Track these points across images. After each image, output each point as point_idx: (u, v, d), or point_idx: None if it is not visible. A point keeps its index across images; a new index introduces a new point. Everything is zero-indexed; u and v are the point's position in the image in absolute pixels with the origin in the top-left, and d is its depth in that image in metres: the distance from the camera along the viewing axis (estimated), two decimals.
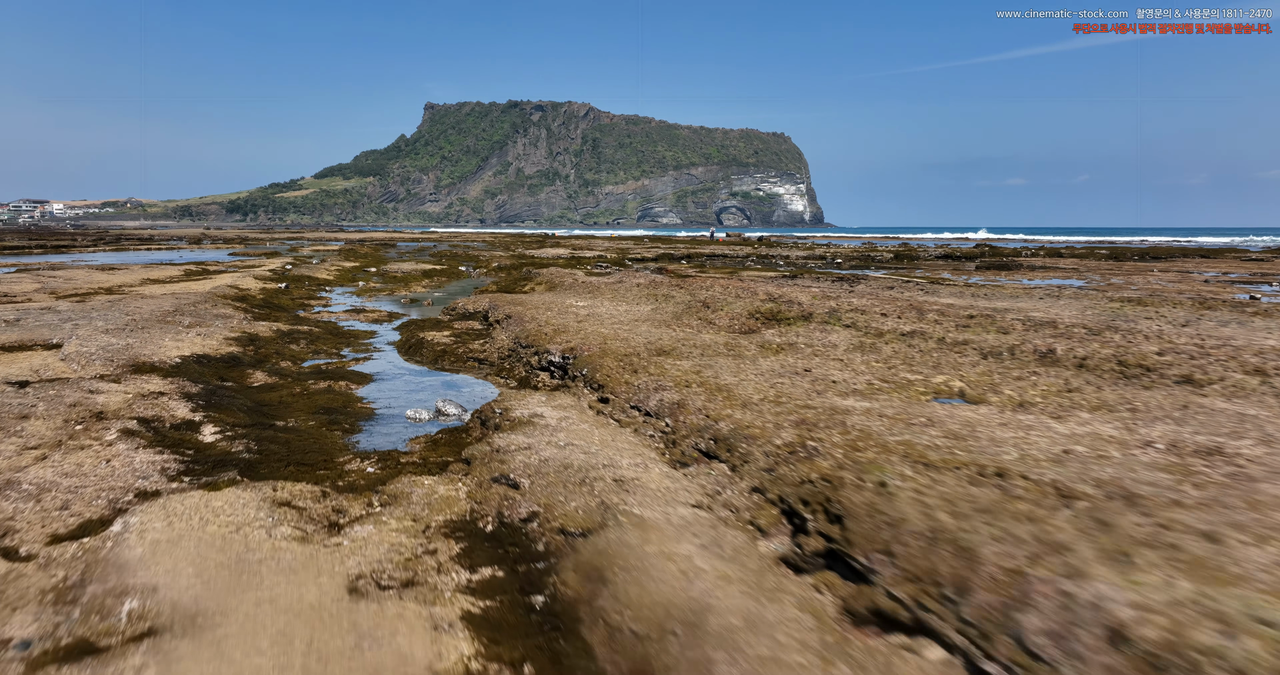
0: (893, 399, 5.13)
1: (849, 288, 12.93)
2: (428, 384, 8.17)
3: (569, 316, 10.15)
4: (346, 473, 4.83)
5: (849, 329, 8.19)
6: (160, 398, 6.14)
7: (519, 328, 9.29)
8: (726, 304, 10.02)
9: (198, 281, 19.50)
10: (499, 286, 19.25)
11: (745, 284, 12.39)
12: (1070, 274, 29.04)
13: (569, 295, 13.92)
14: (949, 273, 29.26)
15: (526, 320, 9.64)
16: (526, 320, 9.64)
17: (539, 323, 9.36)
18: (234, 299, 14.46)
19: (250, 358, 8.93)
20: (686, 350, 7.05)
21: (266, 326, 11.15)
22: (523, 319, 9.75)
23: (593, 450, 4.47)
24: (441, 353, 9.48)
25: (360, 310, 14.71)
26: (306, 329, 11.33)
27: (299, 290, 18.67)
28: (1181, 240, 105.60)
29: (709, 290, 11.91)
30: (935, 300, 10.36)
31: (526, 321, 9.59)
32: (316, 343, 10.43)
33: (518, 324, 9.53)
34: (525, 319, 9.76)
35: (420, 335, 10.53)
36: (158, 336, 9.26)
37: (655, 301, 11.56)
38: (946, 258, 41.78)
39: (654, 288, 13.07)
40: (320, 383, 7.80)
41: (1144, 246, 61.36)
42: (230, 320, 11.45)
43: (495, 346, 9.17)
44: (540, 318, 9.86)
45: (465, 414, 6.62)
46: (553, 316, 10.12)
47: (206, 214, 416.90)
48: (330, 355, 9.79)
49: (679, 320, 9.60)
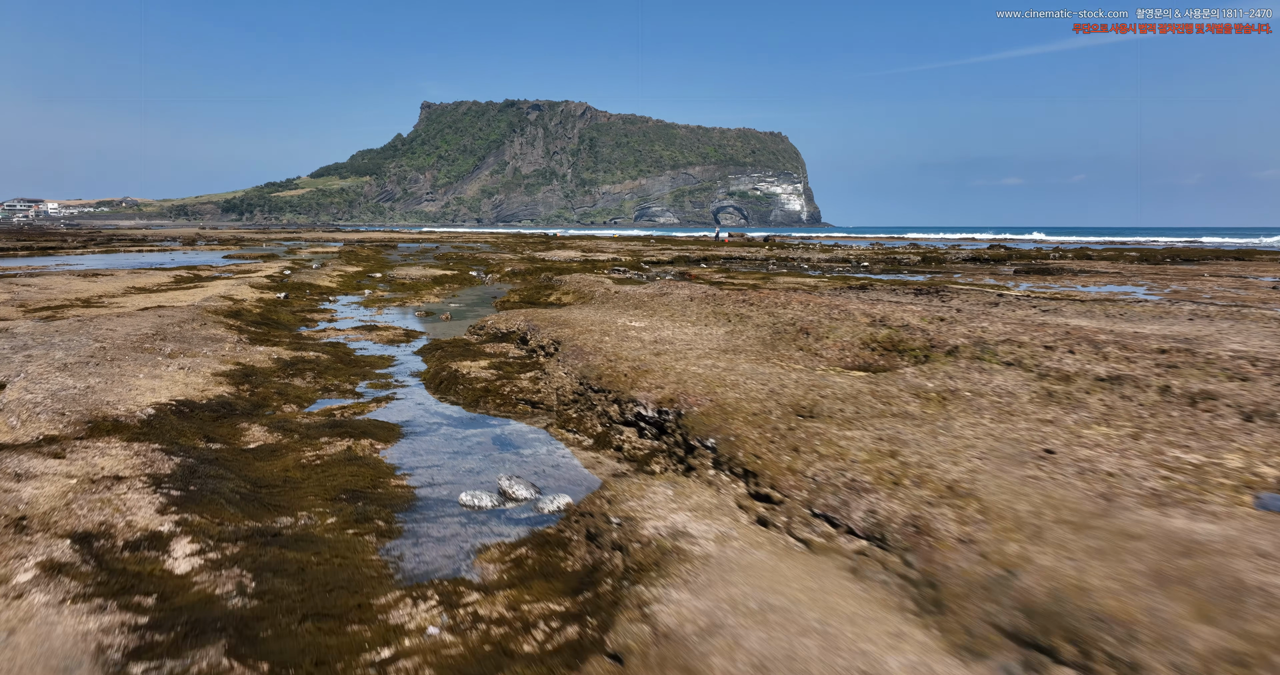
0: (1232, 511, 3.32)
1: (943, 302, 11.12)
2: (475, 441, 6.33)
3: (633, 343, 8.32)
4: (393, 634, 3.02)
5: (1015, 369, 6.37)
6: (117, 487, 4.29)
7: (580, 362, 7.45)
8: (829, 329, 8.18)
9: (188, 290, 17.64)
10: (521, 297, 17.40)
11: (823, 299, 10.57)
12: (1120, 279, 27.25)
13: (613, 310, 12.08)
14: (991, 278, 27.46)
15: (587, 351, 7.80)
16: (587, 351, 7.80)
17: (604, 354, 7.52)
18: (226, 314, 12.60)
19: (245, 401, 7.08)
20: (834, 406, 5.22)
21: (264, 353, 9.30)
22: (581, 349, 7.91)
23: (814, 624, 2.65)
24: (483, 392, 7.63)
25: (371, 327, 12.86)
26: (313, 356, 9.48)
27: (299, 301, 16.81)
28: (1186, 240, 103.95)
29: (787, 308, 10.08)
30: (1077, 323, 8.54)
31: (587, 352, 7.75)
32: (325, 375, 8.59)
33: (577, 356, 7.70)
34: (584, 348, 7.92)
35: (451, 366, 8.69)
36: (130, 372, 7.41)
37: (729, 322, 9.73)
38: (975, 261, 40.00)
39: (715, 303, 11.24)
40: (336, 441, 5.95)
41: (1163, 248, 59.66)
42: (221, 345, 9.60)
43: (552, 386, 7.34)
44: (602, 346, 8.02)
45: (543, 499, 4.79)
46: (613, 343, 8.28)
47: (202, 213, 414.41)
48: (344, 393, 7.94)
49: (776, 351, 7.77)
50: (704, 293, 13.11)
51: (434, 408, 7.40)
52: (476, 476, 5.33)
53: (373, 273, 25.59)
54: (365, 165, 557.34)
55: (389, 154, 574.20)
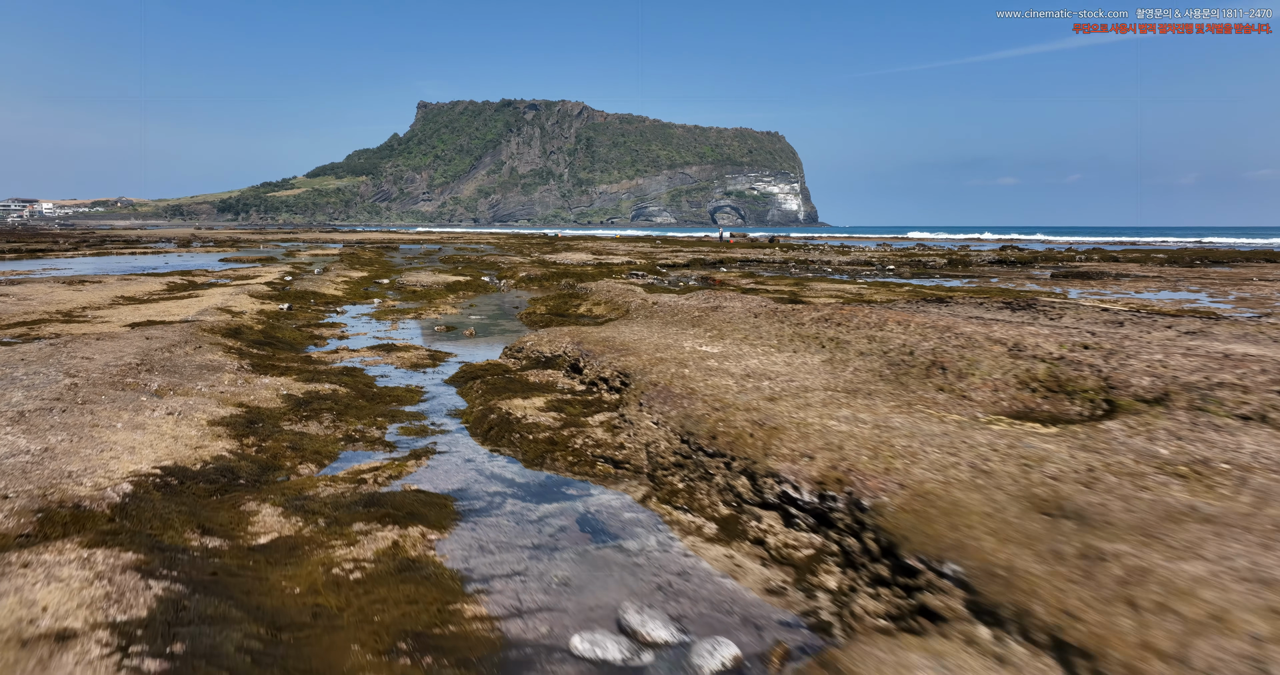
0: None
1: (1052, 320, 9.60)
2: (556, 524, 4.78)
3: (722, 379, 6.78)
4: None
5: (1261, 426, 4.85)
6: (59, 656, 2.75)
7: (672, 409, 5.91)
8: (969, 363, 6.65)
9: (181, 301, 16.08)
10: (548, 309, 15.86)
11: (919, 317, 9.03)
12: (1167, 283, 25.76)
13: (667, 328, 10.55)
14: (1033, 284, 25.96)
15: (676, 392, 6.27)
16: (676, 392, 6.27)
17: (701, 397, 5.99)
18: (224, 333, 11.03)
19: (251, 462, 5.53)
20: (1085, 498, 3.69)
21: (271, 387, 7.74)
22: (668, 389, 6.37)
23: None
24: (548, 444, 6.09)
25: (389, 346, 11.30)
26: (328, 389, 7.92)
27: (304, 313, 15.25)
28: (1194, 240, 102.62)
29: (884, 328, 8.54)
30: (1246, 350, 7.02)
31: (677, 394, 6.22)
32: (346, 417, 7.04)
33: (664, 399, 6.16)
34: (671, 388, 6.39)
35: (499, 405, 7.14)
36: (106, 420, 5.86)
37: (822, 348, 8.19)
38: (1001, 263, 38.50)
39: (787, 321, 9.71)
40: (376, 529, 4.40)
41: (1179, 248, 58.21)
42: (219, 376, 8.05)
43: (639, 439, 5.80)
44: (690, 384, 6.48)
45: (696, 647, 3.25)
46: (700, 379, 6.74)
47: (198, 213, 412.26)
48: (371, 443, 6.39)
49: (910, 391, 6.25)
50: (764, 307, 11.58)
51: (488, 467, 5.86)
52: (579, 596, 3.79)
53: (379, 278, 24.03)
54: (361, 165, 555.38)
55: (385, 154, 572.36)
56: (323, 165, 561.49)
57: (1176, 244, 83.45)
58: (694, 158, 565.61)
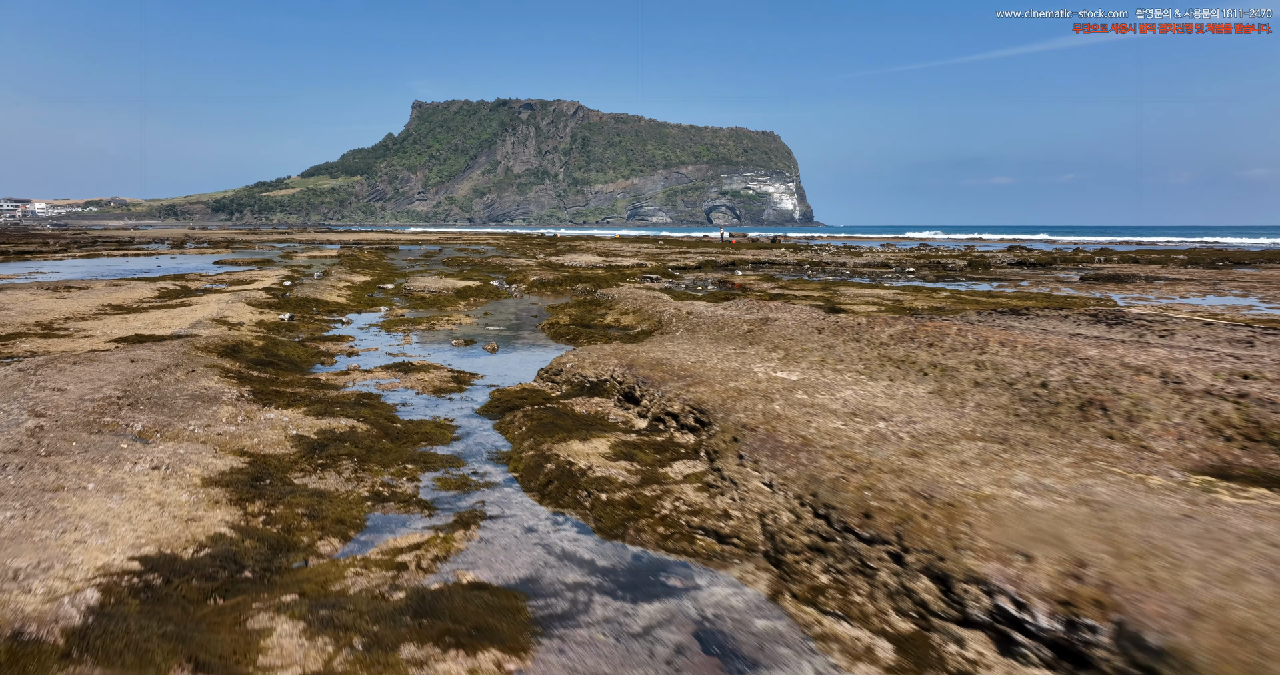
0: None
1: (1161, 337, 8.44)
2: (669, 638, 3.57)
3: (828, 419, 5.58)
4: None
5: None
6: None
7: (790, 467, 4.71)
8: (1137, 405, 5.44)
9: (173, 310, 14.84)
10: (571, 319, 14.64)
11: (1021, 336, 7.83)
12: (1207, 287, 24.63)
13: (725, 347, 9.34)
14: (1069, 289, 24.81)
15: (784, 441, 5.06)
16: (784, 441, 5.06)
17: (824, 451, 4.79)
18: (221, 351, 9.80)
19: (258, 542, 4.31)
20: None
21: (278, 425, 6.52)
22: (774, 439, 5.16)
23: None
24: (626, 507, 4.88)
25: (405, 366, 10.08)
26: (345, 425, 6.70)
27: (307, 324, 14.01)
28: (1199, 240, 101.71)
29: (986, 350, 7.34)
30: None
31: (787, 445, 5.01)
32: (369, 464, 5.82)
33: (773, 452, 4.96)
34: (779, 439, 5.18)
35: (553, 450, 5.93)
36: (73, 482, 4.64)
37: (925, 376, 6.99)
38: (1021, 265, 37.37)
39: (873, 342, 8.50)
40: (431, 658, 3.20)
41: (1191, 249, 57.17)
42: (216, 410, 6.82)
43: (749, 506, 4.60)
44: (802, 430, 5.28)
45: None
46: (804, 420, 5.54)
47: (192, 213, 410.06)
48: (404, 503, 5.17)
49: (1070, 438, 5.05)
50: (822, 320, 10.38)
51: (557, 540, 4.65)
52: None
53: (383, 283, 22.78)
54: (356, 165, 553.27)
55: (380, 153, 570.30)
56: (317, 165, 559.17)
57: (1182, 244, 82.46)
58: (689, 157, 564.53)
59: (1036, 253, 46.21)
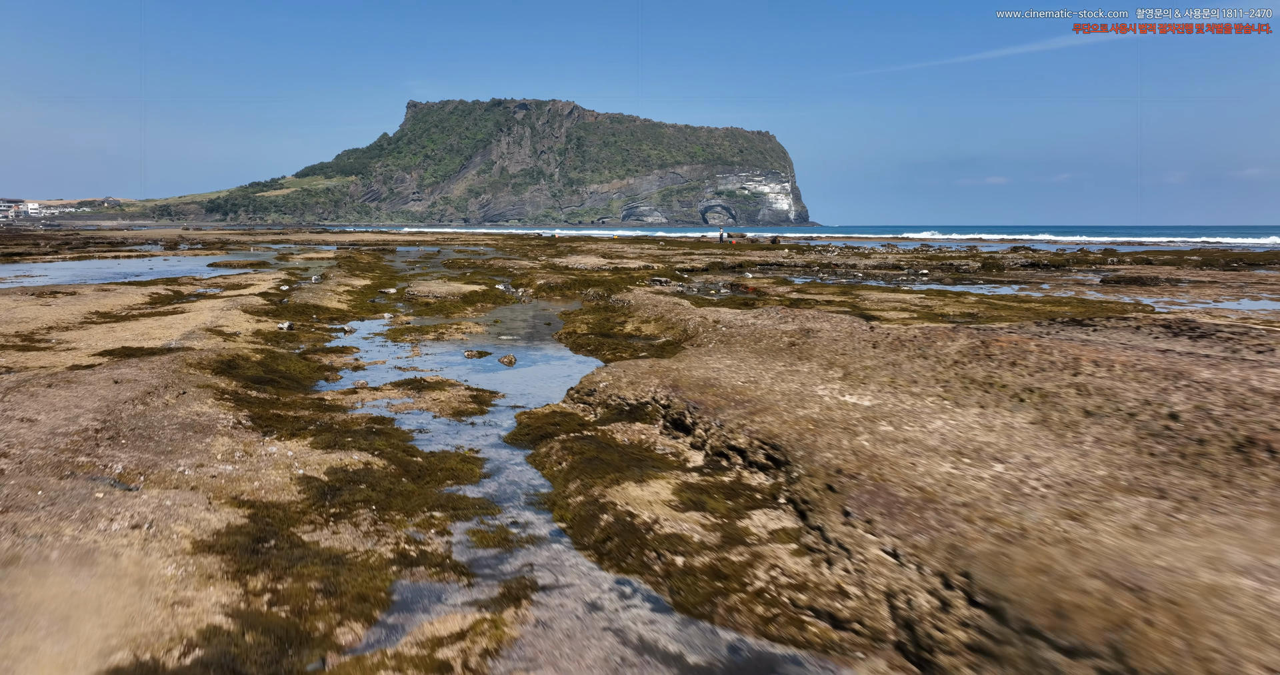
0: None
1: (1258, 356, 7.61)
2: None
3: (938, 462, 4.72)
4: None
5: None
6: None
7: (917, 530, 3.84)
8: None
9: (165, 318, 13.92)
10: (589, 328, 13.76)
11: (1133, 357, 6.97)
12: (1237, 291, 23.81)
13: (772, 363, 8.46)
14: (1093, 291, 24.00)
15: (903, 497, 4.19)
16: (903, 497, 4.19)
17: (954, 508, 3.93)
18: (215, 368, 8.90)
19: (262, 636, 3.41)
20: None
21: (281, 463, 5.62)
22: (886, 491, 4.29)
23: None
24: (712, 578, 4.00)
25: (418, 382, 9.19)
26: (359, 461, 5.81)
27: (308, 333, 13.11)
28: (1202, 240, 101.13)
29: (1079, 371, 6.48)
30: None
31: (904, 500, 4.15)
32: (390, 513, 4.93)
33: (894, 511, 4.09)
34: (892, 490, 4.32)
35: (606, 496, 5.04)
36: (33, 553, 3.76)
37: (1022, 403, 6.12)
38: (1034, 266, 36.57)
39: (942, 360, 7.63)
40: None
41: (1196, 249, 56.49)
42: (210, 444, 5.93)
43: (869, 579, 3.73)
44: (917, 479, 4.41)
45: None
46: (907, 463, 4.68)
47: (186, 214, 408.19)
48: (438, 570, 4.28)
49: (1240, 488, 4.19)
50: (870, 332, 9.53)
51: (629, 622, 3.77)
52: None
53: (385, 287, 21.87)
54: (351, 165, 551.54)
55: (375, 153, 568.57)
56: (312, 165, 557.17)
57: (1185, 244, 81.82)
58: (685, 157, 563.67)
59: (1043, 253, 45.43)
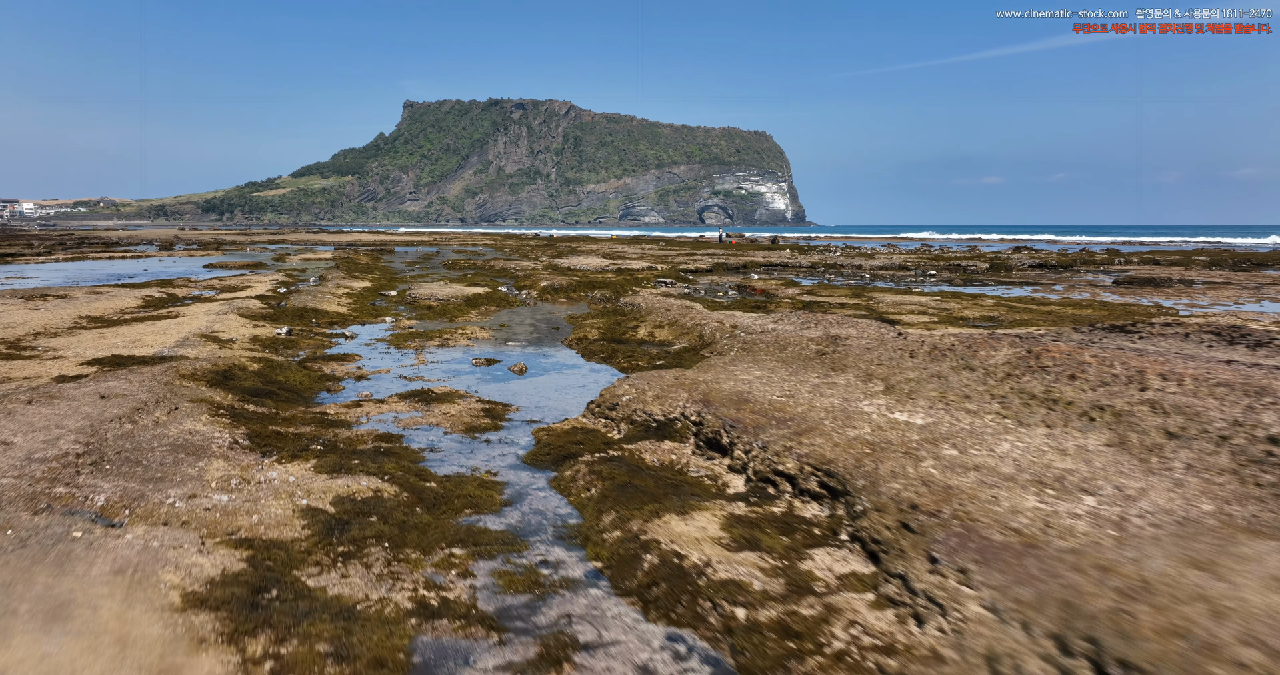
0: None
1: None
2: None
3: (1020, 493, 4.20)
4: None
5: None
6: None
7: (1020, 582, 3.32)
8: None
9: (158, 323, 13.37)
10: (601, 333, 13.24)
11: (1201, 369, 6.45)
12: (1255, 293, 23.36)
13: (804, 374, 7.93)
14: (1110, 293, 23.52)
15: (998, 541, 3.67)
16: (998, 541, 3.67)
17: (1060, 557, 3.42)
18: (210, 379, 8.36)
19: None
20: None
21: (283, 492, 5.09)
22: (977, 534, 3.77)
23: None
24: (782, 637, 3.47)
25: (425, 394, 8.65)
26: (367, 488, 5.27)
27: (307, 339, 12.57)
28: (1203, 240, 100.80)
29: (1146, 387, 5.97)
30: None
31: (1000, 545, 3.63)
32: (405, 551, 4.40)
33: (990, 558, 3.57)
34: (984, 533, 3.80)
35: (645, 532, 4.52)
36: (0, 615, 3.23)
37: (1092, 422, 5.60)
38: (1042, 267, 36.10)
39: (992, 373, 7.11)
40: None
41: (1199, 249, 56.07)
42: (204, 468, 5.39)
43: (967, 642, 3.20)
44: (1010, 519, 3.89)
45: None
46: (986, 493, 4.17)
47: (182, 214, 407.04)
48: (463, 623, 3.75)
49: None
50: (902, 339, 9.01)
51: None
52: None
53: (385, 290, 21.32)
54: (347, 164, 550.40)
55: (371, 153, 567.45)
56: (308, 165, 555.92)
57: (1185, 244, 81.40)
58: (681, 157, 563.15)
59: (1048, 254, 44.96)
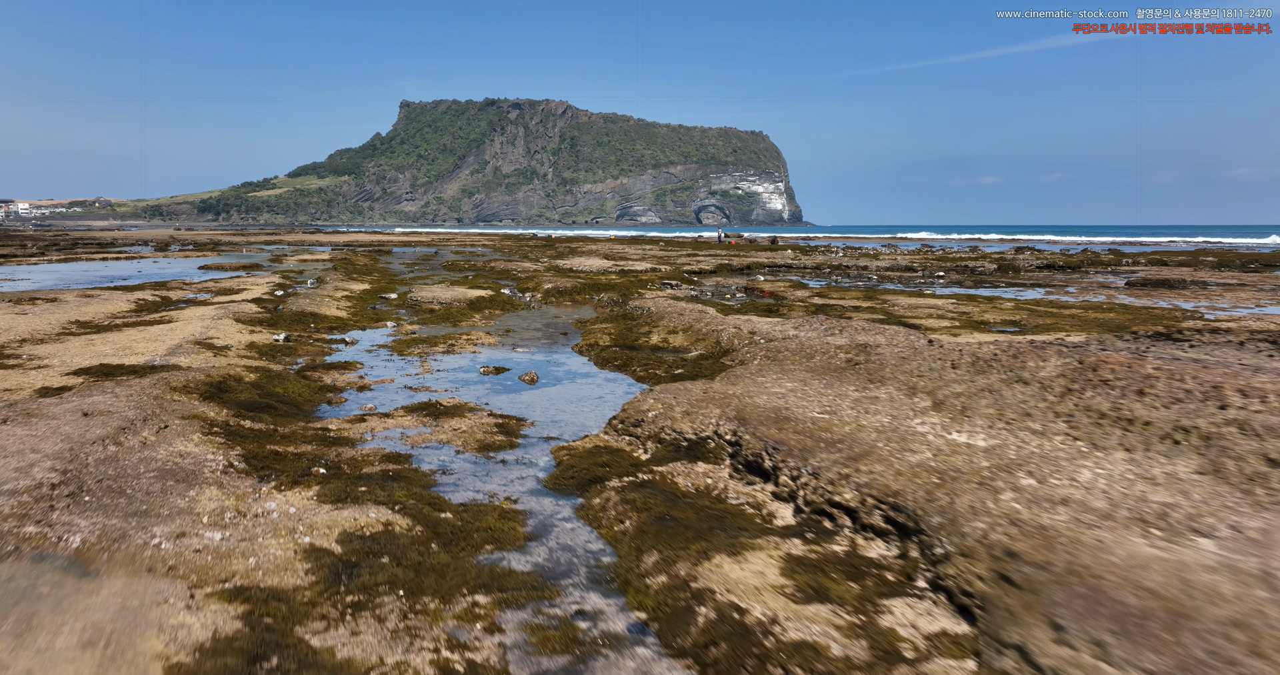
0: None
1: None
2: None
3: (1129, 537, 3.68)
4: None
5: None
6: None
7: (1180, 670, 2.77)
8: None
9: (150, 327, 12.81)
10: (612, 338, 12.70)
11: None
12: (1265, 294, 22.87)
13: (840, 386, 7.39)
14: (1130, 297, 23.02)
15: (1132, 605, 3.14)
16: (1132, 605, 3.14)
17: (1212, 624, 2.87)
18: (203, 393, 7.81)
19: None
20: None
21: (284, 529, 4.54)
22: (1104, 592, 3.23)
23: None
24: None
25: (433, 407, 8.10)
26: (377, 522, 4.72)
27: (306, 346, 12.01)
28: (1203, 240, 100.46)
29: (1231, 405, 5.45)
30: None
31: (1135, 611, 3.09)
32: (421, 601, 3.85)
33: (1125, 627, 3.03)
34: (1112, 592, 3.26)
35: (695, 578, 3.98)
36: None
37: (1178, 446, 5.06)
38: (1050, 268, 35.61)
39: (1048, 388, 6.58)
40: None
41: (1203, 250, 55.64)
42: (195, 500, 4.84)
43: None
44: (1136, 576, 3.36)
45: None
46: (1087, 536, 3.64)
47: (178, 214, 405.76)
48: None
49: None
50: (937, 347, 8.48)
51: None
52: None
53: (385, 292, 20.74)
54: (344, 164, 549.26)
55: (368, 153, 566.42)
56: (304, 165, 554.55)
57: (1186, 245, 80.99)
58: (678, 157, 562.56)
59: (1053, 254, 44.47)
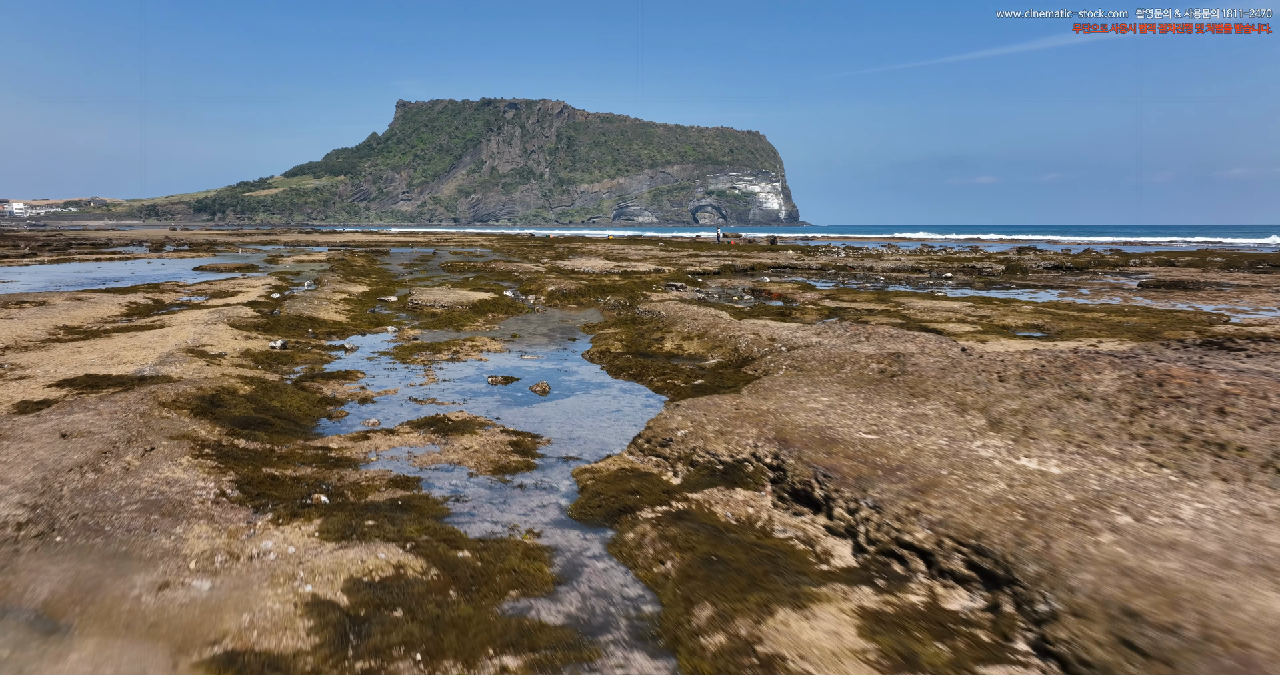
0: None
1: None
2: None
3: (1253, 592, 3.15)
4: None
5: None
6: None
7: None
8: None
9: (141, 333, 12.24)
10: (625, 345, 12.16)
11: None
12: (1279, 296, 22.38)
13: (882, 401, 6.85)
14: (1146, 299, 22.52)
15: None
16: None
17: None
18: (195, 408, 7.25)
19: None
20: None
21: (280, 574, 3.99)
22: (1259, 668, 2.70)
23: None
24: None
25: (441, 422, 7.55)
26: (387, 565, 4.17)
27: (304, 353, 11.46)
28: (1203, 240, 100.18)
29: None
30: None
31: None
32: (442, 667, 3.33)
33: None
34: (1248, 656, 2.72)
35: (760, 641, 3.44)
36: None
37: (1263, 472, 4.55)
38: (1058, 269, 35.14)
39: (1114, 405, 6.06)
40: None
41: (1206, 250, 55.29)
42: (180, 535, 4.30)
43: None
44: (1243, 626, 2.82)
45: None
46: (1213, 593, 3.12)
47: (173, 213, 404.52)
48: None
49: None
50: (978, 358, 7.96)
51: None
52: None
53: (384, 295, 20.17)
54: (340, 164, 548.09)
55: (364, 153, 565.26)
56: (300, 165, 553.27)
57: (1188, 245, 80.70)
58: (675, 157, 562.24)
59: (1058, 255, 44.02)
